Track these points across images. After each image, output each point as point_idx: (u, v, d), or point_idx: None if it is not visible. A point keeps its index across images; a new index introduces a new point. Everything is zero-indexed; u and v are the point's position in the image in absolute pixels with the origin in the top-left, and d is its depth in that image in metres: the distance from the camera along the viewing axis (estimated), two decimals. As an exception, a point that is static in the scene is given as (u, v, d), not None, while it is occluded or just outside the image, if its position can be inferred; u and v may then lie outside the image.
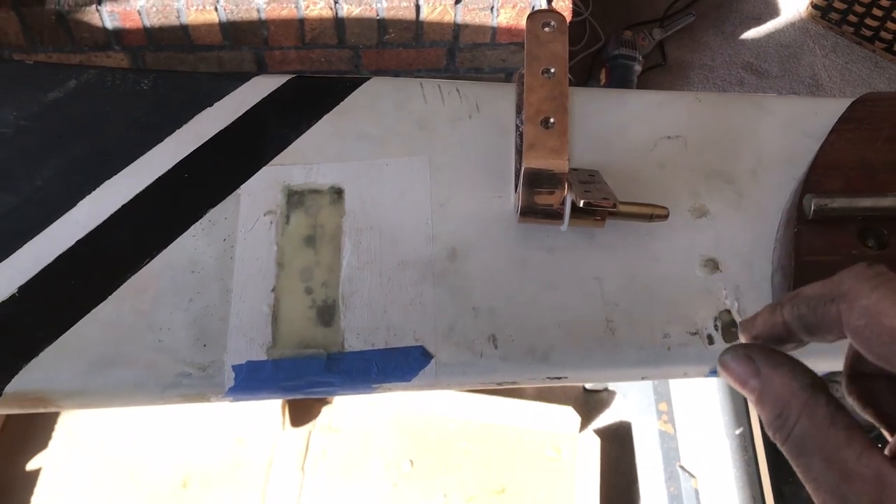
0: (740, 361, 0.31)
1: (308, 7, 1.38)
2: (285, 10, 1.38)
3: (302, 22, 1.41)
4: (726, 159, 0.55)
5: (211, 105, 0.56)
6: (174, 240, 0.51)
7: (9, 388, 0.46)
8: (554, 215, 0.49)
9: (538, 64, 0.50)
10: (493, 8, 1.44)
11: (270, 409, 1.27)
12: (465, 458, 1.27)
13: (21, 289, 0.49)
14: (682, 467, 1.05)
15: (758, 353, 0.31)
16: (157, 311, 0.48)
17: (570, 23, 1.62)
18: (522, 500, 1.23)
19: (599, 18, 1.88)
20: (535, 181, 0.48)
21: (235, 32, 1.41)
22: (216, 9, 1.37)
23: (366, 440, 1.28)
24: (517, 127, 0.54)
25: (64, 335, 0.47)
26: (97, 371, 0.47)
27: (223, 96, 0.57)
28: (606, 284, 0.50)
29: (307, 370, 0.47)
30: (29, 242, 0.50)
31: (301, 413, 1.29)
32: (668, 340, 0.48)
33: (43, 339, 0.47)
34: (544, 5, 1.41)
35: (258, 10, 1.38)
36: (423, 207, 0.52)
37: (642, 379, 0.50)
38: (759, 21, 2.03)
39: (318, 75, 0.59)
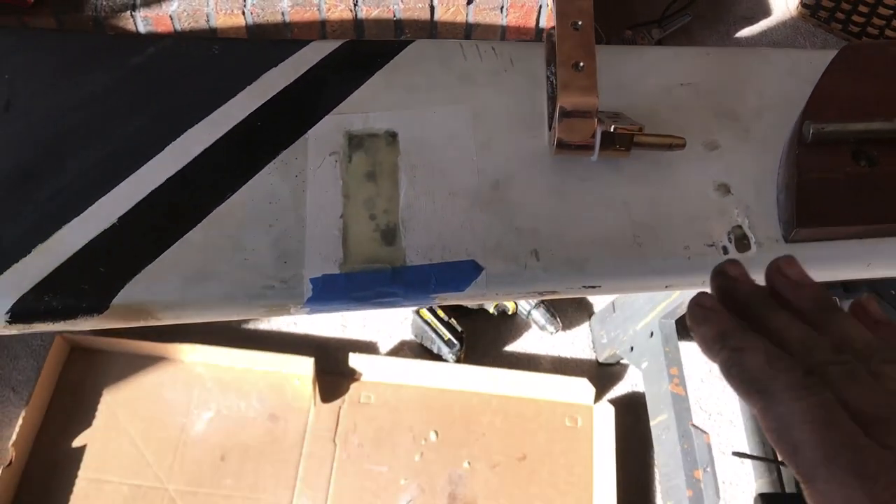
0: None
1: (329, 9, 1.46)
2: (308, 13, 1.46)
3: (323, 23, 1.49)
4: (734, 101, 0.62)
5: (276, 66, 0.64)
6: (252, 176, 0.58)
7: (115, 302, 0.53)
8: (586, 147, 0.57)
9: (567, 18, 0.58)
10: (502, 8, 1.52)
11: (302, 388, 1.33)
12: (489, 429, 1.34)
13: (121, 218, 0.56)
14: (694, 425, 1.11)
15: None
16: (242, 234, 0.55)
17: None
18: (543, 465, 1.30)
19: (601, 19, 1.96)
20: (570, 116, 0.55)
21: (262, 34, 1.49)
22: (244, 12, 1.45)
23: (393, 413, 1.34)
24: (548, 77, 0.62)
25: (161, 256, 0.54)
26: (192, 285, 0.53)
27: (286, 58, 0.64)
28: (633, 207, 0.57)
29: (375, 282, 0.54)
30: (125, 181, 0.57)
31: (330, 390, 1.36)
32: (688, 251, 0.55)
33: (143, 259, 0.54)
34: (550, 5, 1.49)
35: (283, 13, 1.46)
36: (467, 147, 0.59)
37: (666, 288, 0.57)
38: (752, 21, 2.12)
39: (369, 40, 0.66)
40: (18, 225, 0.55)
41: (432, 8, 1.49)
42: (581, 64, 0.56)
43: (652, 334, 1.26)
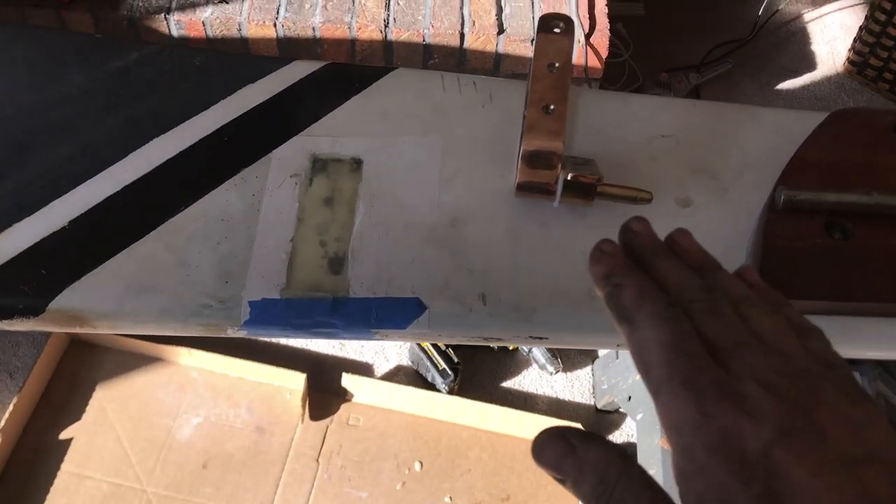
0: (556, 442, 0.33)
1: (360, 28, 1.46)
2: (338, 30, 1.47)
3: (353, 42, 1.49)
4: (715, 158, 0.59)
5: (254, 81, 0.63)
6: (209, 191, 0.57)
7: (52, 305, 0.53)
8: (547, 192, 0.55)
9: (545, 58, 0.56)
10: (532, 40, 1.51)
11: (292, 403, 1.32)
12: (475, 465, 1.31)
13: (71, 222, 0.55)
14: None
15: (571, 432, 0.33)
16: (188, 250, 0.54)
17: (609, 62, 1.68)
18: (526, 508, 1.27)
19: (639, 60, 1.95)
20: (533, 159, 0.53)
21: (291, 48, 1.50)
22: (275, 25, 1.46)
23: (380, 439, 1.32)
24: (524, 116, 0.60)
25: (104, 264, 0.54)
26: (130, 296, 0.53)
27: (266, 75, 0.64)
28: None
29: (315, 311, 0.53)
30: (83, 184, 0.57)
31: (320, 408, 1.34)
32: (642, 310, 0.53)
33: (86, 266, 0.54)
34: (583, 41, 1.47)
35: (313, 29, 1.46)
36: (431, 180, 0.58)
37: (618, 347, 0.55)
38: (796, 73, 2.07)
39: (352, 64, 0.65)
40: (-30, 219, 0.55)
41: (462, 35, 1.48)
42: (552, 107, 0.54)
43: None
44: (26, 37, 0.67)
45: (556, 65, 0.56)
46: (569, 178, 0.52)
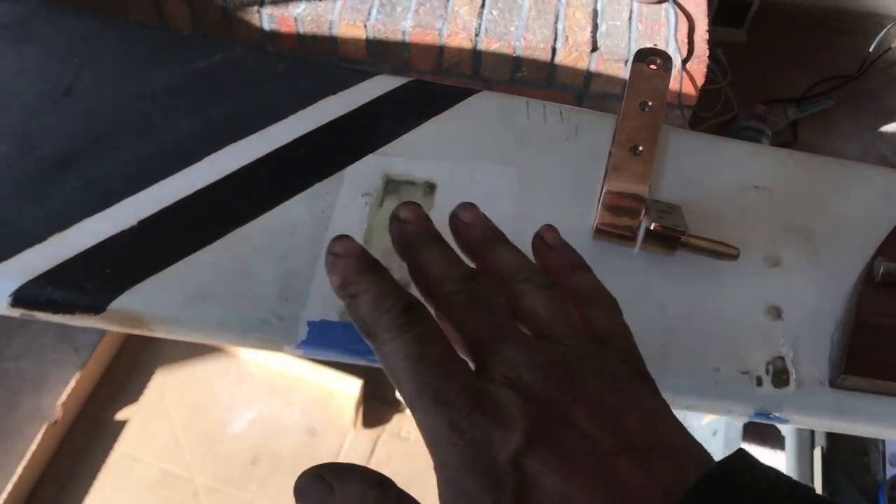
0: (313, 482, 0.32)
1: (450, 35, 1.45)
2: (428, 36, 1.46)
3: (441, 49, 1.48)
4: (810, 217, 0.55)
5: (335, 93, 0.62)
6: (279, 204, 0.56)
7: (112, 305, 0.52)
8: (627, 238, 0.52)
9: (638, 96, 0.53)
10: (626, 61, 1.47)
11: (345, 408, 1.32)
12: (523, 493, 1.28)
13: (141, 222, 0.55)
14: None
15: (327, 470, 0.32)
16: (253, 262, 0.53)
17: (705, 90, 1.63)
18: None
19: (736, 89, 1.88)
20: (615, 202, 0.50)
21: (379, 51, 1.49)
22: (365, 26, 1.46)
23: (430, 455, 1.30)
24: (610, 153, 0.57)
25: (168, 268, 0.53)
26: (191, 304, 0.52)
27: (347, 87, 0.62)
28: (668, 312, 0.51)
29: (372, 338, 0.51)
30: (156, 185, 0.57)
31: (373, 416, 1.34)
32: (717, 374, 0.49)
33: (150, 268, 0.53)
34: (679, 66, 1.43)
35: (403, 33, 1.46)
36: (507, 212, 0.56)
37: (687, 409, 0.52)
38: (904, 116, 1.98)
39: (435, 82, 0.63)
40: (43, 209, 0.55)
41: (554, 50, 1.45)
42: (640, 148, 0.51)
43: (715, 433, 1.17)
44: (117, 30, 0.67)
45: (649, 104, 0.53)
46: (652, 227, 0.49)
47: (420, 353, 0.29)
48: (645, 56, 0.55)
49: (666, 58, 0.56)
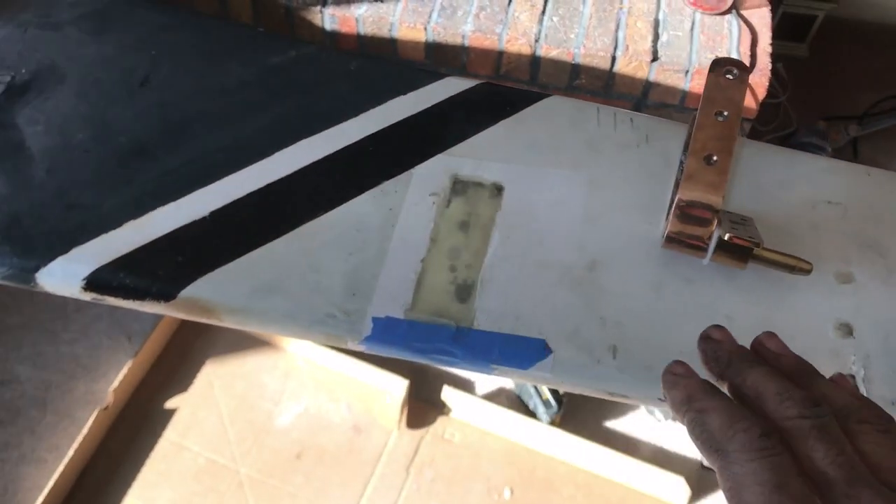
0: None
1: (509, 41, 1.44)
2: (487, 41, 1.46)
3: (501, 54, 1.48)
4: (884, 233, 0.54)
5: (405, 93, 0.62)
6: (349, 200, 0.56)
7: (183, 293, 0.53)
8: (698, 247, 0.51)
9: (713, 106, 0.53)
10: (687, 72, 1.45)
11: (391, 407, 1.32)
12: (567, 502, 1.27)
13: (213, 213, 0.56)
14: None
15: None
16: (322, 256, 0.54)
17: (764, 103, 1.60)
18: (613, 557, 1.22)
19: (796, 104, 1.85)
20: (688, 211, 0.50)
21: (438, 54, 1.50)
22: (426, 29, 1.46)
23: (474, 458, 1.30)
24: (681, 162, 0.57)
25: (239, 259, 0.54)
26: (260, 295, 0.53)
27: (418, 87, 0.63)
28: (736, 323, 0.51)
29: (436, 337, 0.51)
30: (228, 176, 0.58)
31: (418, 417, 1.34)
32: (786, 390, 0.48)
33: (221, 259, 0.54)
34: (740, 78, 1.41)
35: (463, 36, 1.46)
36: (574, 218, 0.55)
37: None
38: (972, 137, 1.92)
39: (506, 86, 0.63)
40: (120, 196, 0.57)
41: (614, 58, 1.44)
42: (715, 158, 0.50)
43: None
44: (196, 24, 0.68)
45: (725, 113, 0.52)
46: (725, 237, 0.48)
47: (779, 482, 0.28)
48: (721, 66, 0.55)
49: (742, 68, 0.55)
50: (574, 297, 0.52)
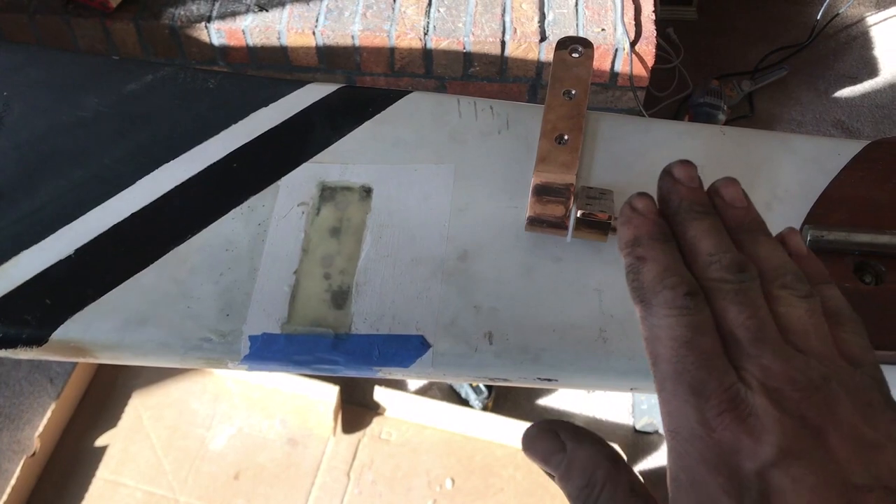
0: (546, 436, 0.32)
1: (399, 36, 1.45)
2: (377, 39, 1.46)
3: (392, 51, 1.48)
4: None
5: (266, 105, 0.62)
6: (215, 220, 0.56)
7: (54, 336, 0.52)
8: (559, 226, 0.52)
9: (561, 85, 0.54)
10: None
11: (324, 415, 1.32)
12: (508, 484, 1.28)
13: (77, 251, 0.55)
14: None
15: (563, 428, 0.32)
16: (191, 281, 0.53)
17: (658, 68, 1.64)
18: (559, 531, 1.24)
19: (689, 67, 1.90)
20: (544, 193, 0.51)
21: (330, 56, 1.49)
22: (314, 33, 1.45)
23: (412, 454, 1.31)
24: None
25: (107, 294, 0.53)
26: (131, 328, 0.52)
27: (279, 98, 0.63)
28: (605, 296, 0.52)
29: (315, 347, 0.51)
30: (91, 211, 0.57)
31: (353, 421, 1.34)
32: (657, 354, 0.50)
33: (89, 296, 0.53)
34: (627, 49, 1.44)
35: (353, 37, 1.46)
36: (443, 211, 0.56)
37: (631, 390, 0.52)
38: (855, 80, 1.99)
39: (365, 87, 0.64)
40: (-21, 246, 0.55)
41: (503, 43, 1.46)
42: (566, 137, 0.52)
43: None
44: (43, 59, 0.67)
45: (573, 92, 0.54)
46: (579, 214, 0.49)
47: (689, 338, 0.29)
48: (566, 45, 0.56)
49: (587, 45, 0.56)
50: (448, 290, 0.52)
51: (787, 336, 0.30)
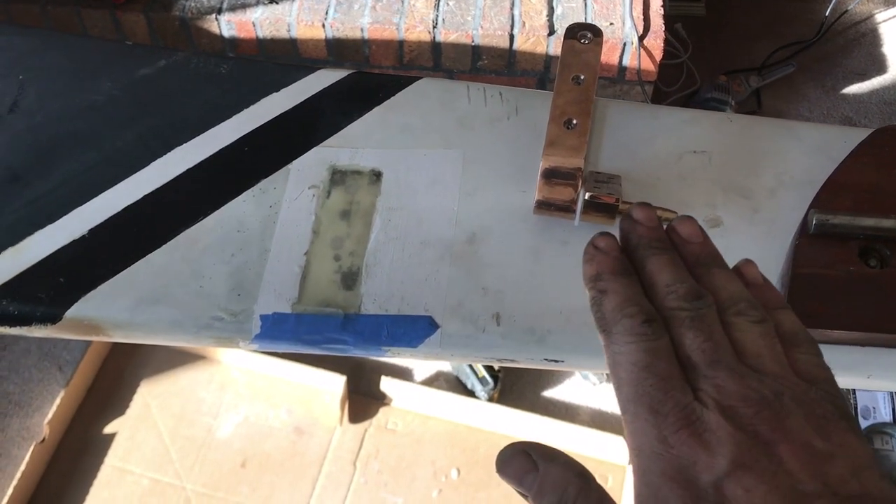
0: (519, 456, 0.34)
1: (408, 29, 1.45)
2: (386, 31, 1.46)
3: (401, 43, 1.49)
4: (747, 177, 0.57)
5: (277, 91, 0.63)
6: (227, 202, 0.57)
7: (68, 314, 0.53)
8: (567, 209, 0.53)
9: (569, 71, 0.54)
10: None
11: (331, 405, 1.33)
12: (512, 475, 1.29)
13: (91, 230, 0.56)
14: None
15: (534, 449, 0.34)
16: (203, 261, 0.54)
17: (666, 64, 1.64)
18: (563, 522, 1.24)
19: (697, 62, 1.90)
20: (552, 176, 0.51)
21: (339, 49, 1.50)
22: (323, 26, 1.46)
23: (418, 444, 1.31)
24: (548, 130, 0.58)
25: (120, 273, 0.54)
26: (144, 307, 0.53)
27: (290, 84, 0.63)
28: (611, 279, 0.52)
29: (325, 327, 0.52)
30: (104, 192, 0.57)
31: (359, 411, 1.34)
32: (662, 336, 0.50)
33: (102, 275, 0.54)
34: (636, 43, 1.44)
35: (362, 30, 1.46)
36: (451, 195, 0.57)
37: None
38: (864, 77, 1.99)
39: (375, 73, 0.64)
40: (-5, 225, 0.56)
41: (512, 36, 1.46)
42: (574, 121, 0.52)
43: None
44: (58, 43, 0.68)
45: (582, 77, 0.54)
46: (587, 197, 0.50)
47: (648, 363, 0.31)
48: (575, 32, 0.56)
49: (596, 32, 0.57)
50: (456, 272, 0.53)
51: (742, 358, 0.31)
